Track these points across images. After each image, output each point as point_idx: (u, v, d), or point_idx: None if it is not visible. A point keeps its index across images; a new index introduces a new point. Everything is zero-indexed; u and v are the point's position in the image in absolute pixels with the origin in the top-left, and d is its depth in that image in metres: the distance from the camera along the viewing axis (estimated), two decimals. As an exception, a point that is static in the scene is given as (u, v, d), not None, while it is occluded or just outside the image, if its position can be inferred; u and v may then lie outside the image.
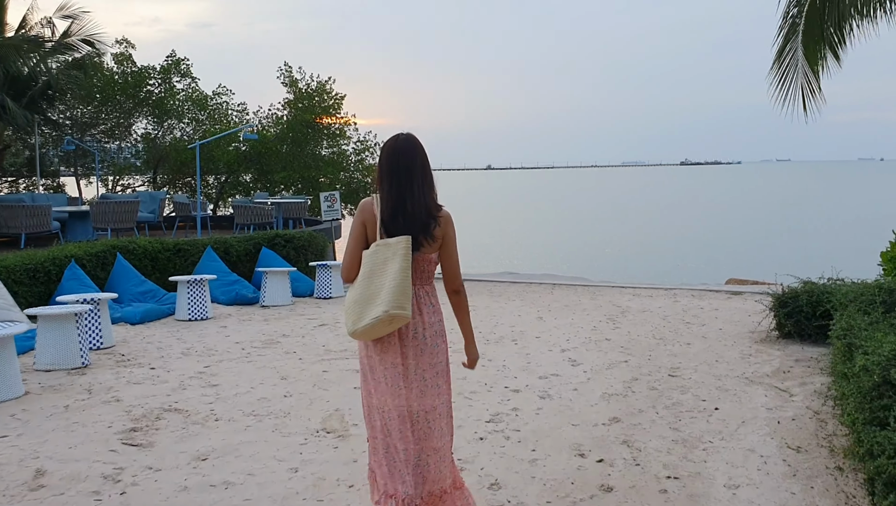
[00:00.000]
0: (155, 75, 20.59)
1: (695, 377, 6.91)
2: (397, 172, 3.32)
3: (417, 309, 3.32)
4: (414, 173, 3.33)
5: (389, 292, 3.14)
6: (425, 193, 3.34)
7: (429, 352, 3.33)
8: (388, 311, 3.11)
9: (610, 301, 11.46)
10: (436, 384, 3.34)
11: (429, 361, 3.32)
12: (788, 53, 11.93)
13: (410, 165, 3.33)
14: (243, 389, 6.50)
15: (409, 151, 3.36)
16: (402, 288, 3.16)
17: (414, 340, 3.30)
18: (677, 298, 11.75)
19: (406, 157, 3.35)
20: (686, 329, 9.22)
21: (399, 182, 3.31)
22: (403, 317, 3.16)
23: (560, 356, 7.77)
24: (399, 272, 3.18)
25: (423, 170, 3.36)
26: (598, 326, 9.40)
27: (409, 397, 3.29)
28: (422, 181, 3.34)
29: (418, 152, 3.37)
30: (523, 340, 8.58)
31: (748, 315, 10.15)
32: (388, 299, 3.13)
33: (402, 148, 3.36)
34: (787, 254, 27.11)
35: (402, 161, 3.34)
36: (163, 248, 11.99)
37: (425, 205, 3.32)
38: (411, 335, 3.30)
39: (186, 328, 9.44)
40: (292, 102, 19.93)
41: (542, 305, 11.11)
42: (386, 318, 3.12)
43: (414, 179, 3.33)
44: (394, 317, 3.13)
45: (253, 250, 12.86)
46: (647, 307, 10.86)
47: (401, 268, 3.18)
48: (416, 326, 3.31)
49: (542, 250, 30.82)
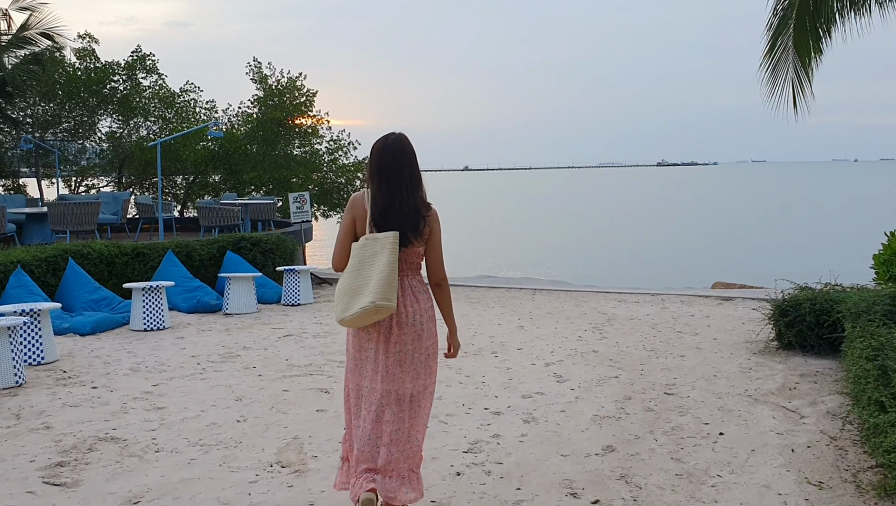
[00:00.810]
0: (119, 72, 19.74)
1: (693, 395, 6.30)
2: (386, 171, 3.50)
3: (413, 297, 3.57)
4: (402, 173, 3.50)
5: (377, 285, 3.36)
6: (413, 192, 3.52)
7: (425, 336, 3.58)
8: (375, 302, 3.34)
9: (595, 308, 10.85)
10: (427, 365, 3.61)
11: (425, 344, 3.58)
12: (779, 49, 11.39)
13: (399, 165, 3.51)
14: (192, 412, 5.79)
15: (398, 152, 3.53)
16: (389, 281, 3.38)
17: (412, 327, 3.54)
18: (665, 304, 11.15)
19: (394, 157, 3.52)
20: (678, 339, 8.62)
21: (388, 182, 3.50)
22: (388, 308, 3.39)
23: (544, 371, 7.13)
24: (386, 266, 3.39)
25: (410, 169, 3.53)
26: (583, 337, 8.77)
27: (405, 380, 3.53)
28: (409, 181, 3.52)
29: (406, 152, 3.54)
30: (504, 353, 7.94)
31: (742, 323, 9.57)
32: (375, 291, 3.35)
33: (390, 148, 3.53)
34: (772, 257, 26.70)
35: (391, 161, 3.51)
36: (120, 252, 11.24)
37: (414, 204, 3.52)
38: (409, 322, 3.53)
39: (140, 340, 8.71)
40: (262, 100, 19.17)
41: (523, 313, 10.48)
42: (372, 308, 3.35)
43: (402, 178, 3.50)
44: (380, 308, 3.36)
45: (217, 254, 12.12)
46: (634, 315, 10.25)
47: (388, 262, 3.39)
48: (413, 313, 3.55)
49: (521, 253, 30.23)
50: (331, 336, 8.87)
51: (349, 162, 20.56)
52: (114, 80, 19.71)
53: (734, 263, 24.43)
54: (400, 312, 3.55)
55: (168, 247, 11.64)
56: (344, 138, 20.59)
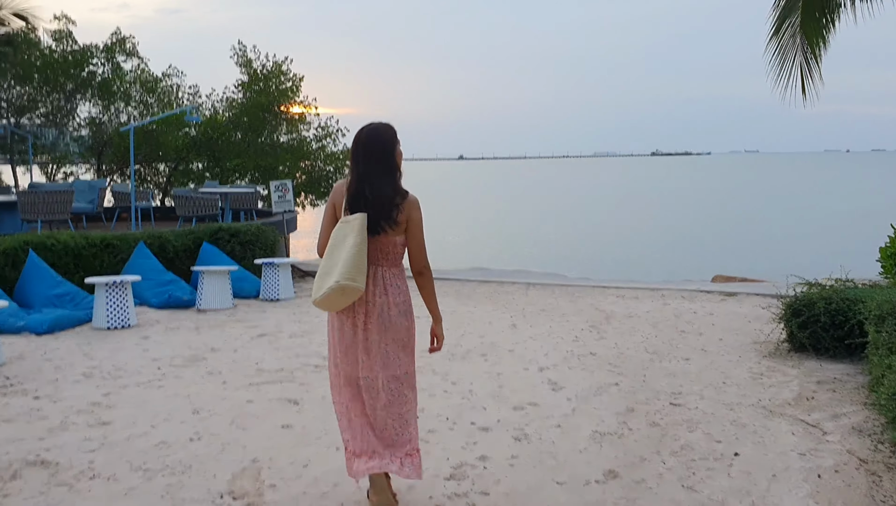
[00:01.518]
0: (98, 54, 18.98)
1: (702, 406, 5.68)
2: (360, 159, 3.58)
3: (383, 288, 3.60)
4: (374, 161, 3.55)
5: (342, 265, 3.40)
6: (385, 180, 3.55)
7: (393, 329, 3.61)
8: (339, 281, 3.37)
9: (591, 304, 10.23)
10: (398, 357, 3.63)
11: (392, 336, 3.61)
12: (786, 31, 10.74)
13: (372, 154, 3.56)
14: (140, 428, 5.15)
15: (373, 140, 3.58)
16: (354, 261, 3.40)
17: (380, 318, 3.58)
18: (666, 300, 10.54)
19: (369, 145, 3.58)
20: (681, 340, 8.00)
21: (361, 169, 3.56)
22: (353, 288, 3.41)
23: (538, 377, 6.51)
24: (352, 246, 3.42)
25: (384, 158, 3.57)
26: (580, 337, 8.15)
27: (374, 368, 3.60)
28: (383, 169, 3.56)
29: (383, 141, 3.59)
30: (494, 355, 7.31)
31: (748, 321, 8.97)
32: (340, 271, 3.39)
33: (366, 137, 3.59)
34: (771, 249, 26.13)
35: (363, 149, 3.58)
36: (88, 243, 10.56)
37: (384, 192, 3.54)
38: (377, 313, 3.58)
39: (101, 340, 8.06)
40: (247, 85, 18.44)
41: (515, 310, 9.85)
42: (338, 288, 3.38)
43: (374, 166, 3.55)
44: (344, 288, 3.39)
45: (192, 246, 11.46)
46: (633, 312, 9.64)
47: (354, 243, 3.42)
48: (382, 304, 3.59)
49: (516, 244, 29.60)
50: (308, 336, 8.24)
51: (337, 149, 19.87)
52: (92, 63, 18.94)
53: (733, 256, 23.87)
54: (368, 300, 3.60)
55: (140, 238, 10.99)
56: (332, 125, 19.91)
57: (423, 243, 3.67)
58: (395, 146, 3.66)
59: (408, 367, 3.70)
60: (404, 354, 3.67)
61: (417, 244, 3.65)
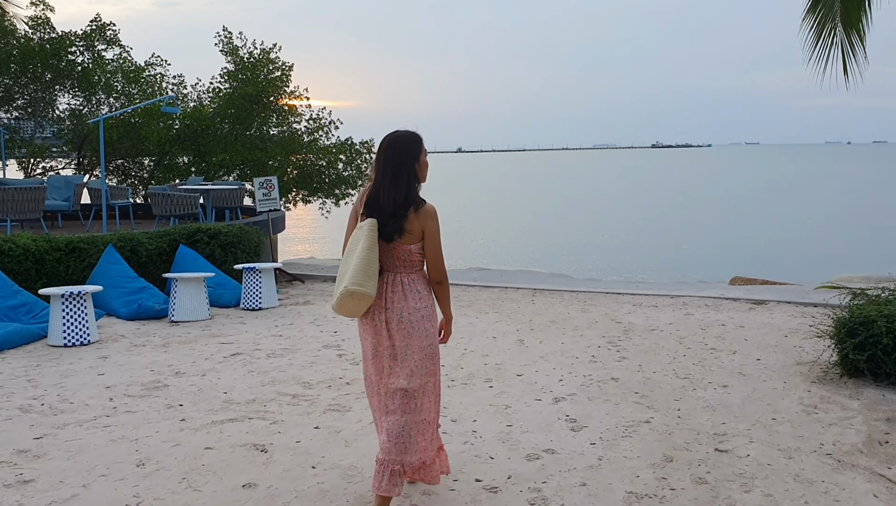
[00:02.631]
0: (77, 43, 17.93)
1: (753, 453, 4.71)
2: (380, 165, 3.62)
3: (402, 294, 3.61)
4: (389, 171, 3.57)
5: (352, 270, 3.46)
6: (400, 189, 3.56)
7: (417, 335, 3.62)
8: (347, 287, 3.44)
9: (606, 314, 9.25)
10: (424, 366, 3.63)
11: (418, 343, 3.62)
12: (823, 5, 9.71)
13: (390, 161, 3.59)
14: (68, 489, 4.16)
15: (394, 148, 3.61)
16: (363, 267, 3.45)
17: (400, 324, 3.60)
18: (689, 309, 9.56)
19: (390, 152, 3.60)
20: (714, 360, 7.02)
21: (380, 176, 3.61)
22: (362, 293, 3.45)
23: (553, 412, 5.53)
24: (362, 251, 3.47)
25: (400, 167, 3.57)
26: (597, 356, 7.17)
27: (400, 376, 3.62)
28: (398, 178, 3.57)
29: (403, 149, 3.60)
30: (501, 381, 6.33)
31: (784, 336, 8.00)
32: (349, 277, 3.45)
33: (388, 144, 3.62)
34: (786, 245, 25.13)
35: (386, 156, 3.60)
36: (51, 247, 9.57)
37: (396, 201, 3.56)
38: (396, 319, 3.60)
39: (53, 360, 7.08)
40: (233, 74, 17.40)
41: (521, 321, 8.87)
42: (347, 293, 3.45)
43: (388, 173, 3.57)
44: (353, 293, 3.44)
45: (168, 249, 10.48)
46: (654, 323, 8.66)
47: (363, 248, 3.48)
48: (401, 310, 3.61)
49: (517, 241, 28.59)
50: (289, 354, 7.26)
51: (331, 143, 18.85)
52: (71, 52, 17.90)
53: (746, 253, 22.87)
54: (387, 307, 3.62)
55: (109, 240, 10.00)
56: (325, 117, 18.87)
57: (439, 254, 3.67)
58: (418, 155, 3.64)
59: (433, 376, 3.69)
60: (430, 362, 3.67)
61: (434, 255, 3.65)
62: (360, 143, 18.83)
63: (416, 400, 3.64)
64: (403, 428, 3.61)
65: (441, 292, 3.76)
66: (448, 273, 3.86)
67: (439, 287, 3.75)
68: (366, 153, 18.89)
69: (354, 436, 4.96)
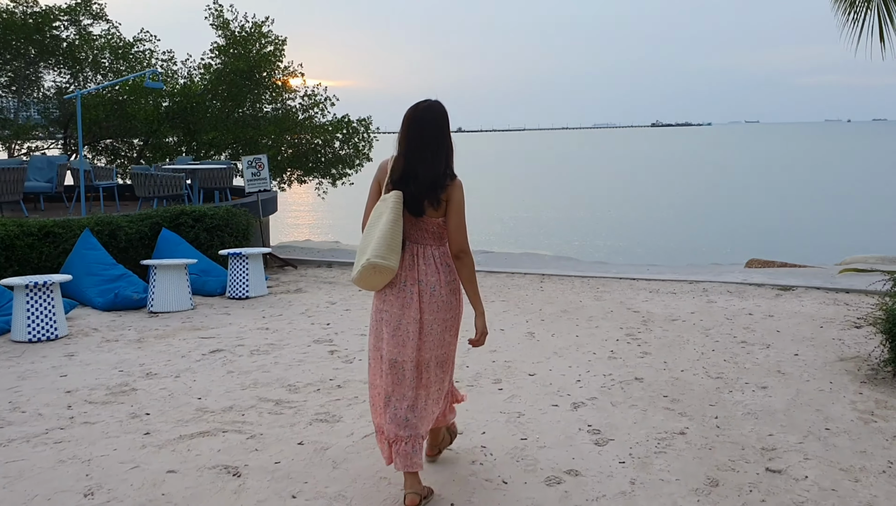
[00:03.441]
0: (61, 17, 17.10)
1: (813, 475, 4.00)
2: (412, 138, 3.50)
3: (434, 267, 3.55)
4: (427, 141, 3.49)
5: (375, 243, 3.38)
6: (437, 161, 3.49)
7: (444, 308, 3.57)
8: (370, 259, 3.36)
9: (621, 302, 8.55)
10: (443, 338, 3.60)
11: (443, 316, 3.57)
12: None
13: (424, 133, 3.50)
14: (-4, 530, 3.48)
15: (426, 120, 3.51)
16: (387, 240, 3.37)
17: (432, 297, 3.54)
18: (710, 295, 8.85)
19: (422, 124, 3.50)
20: (746, 355, 6.32)
21: (412, 148, 3.49)
22: (385, 267, 3.38)
23: (573, 420, 4.83)
24: (386, 224, 3.39)
25: (436, 139, 3.50)
26: (616, 351, 6.47)
27: (423, 349, 3.56)
28: (435, 149, 3.50)
29: (436, 121, 3.51)
30: (512, 382, 5.63)
31: (819, 326, 7.29)
32: (372, 249, 3.37)
33: (419, 116, 3.52)
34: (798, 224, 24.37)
35: (418, 128, 3.50)
36: (23, 232, 8.86)
37: (436, 172, 3.48)
38: (429, 292, 3.53)
39: (13, 359, 6.38)
40: (224, 48, 16.59)
41: (531, 310, 8.17)
42: (369, 266, 3.37)
43: (427, 146, 3.49)
44: (375, 265, 3.36)
45: (149, 233, 9.77)
46: (674, 312, 7.96)
47: (388, 220, 3.39)
48: (434, 284, 3.54)
49: (520, 222, 27.85)
50: (275, 351, 6.55)
51: (327, 120, 18.07)
52: (55, 27, 17.08)
53: (759, 235, 22.12)
54: (420, 280, 3.54)
55: (86, 224, 9.29)
56: (320, 93, 18.08)
57: (462, 225, 3.57)
58: (449, 125, 3.58)
59: (449, 347, 3.66)
60: (449, 336, 3.65)
61: (456, 226, 3.55)
62: (358, 120, 18.06)
63: (432, 372, 3.62)
64: (417, 401, 3.59)
65: (463, 269, 3.60)
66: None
67: (459, 261, 3.59)
68: (363, 131, 18.14)
69: (344, 454, 4.26)
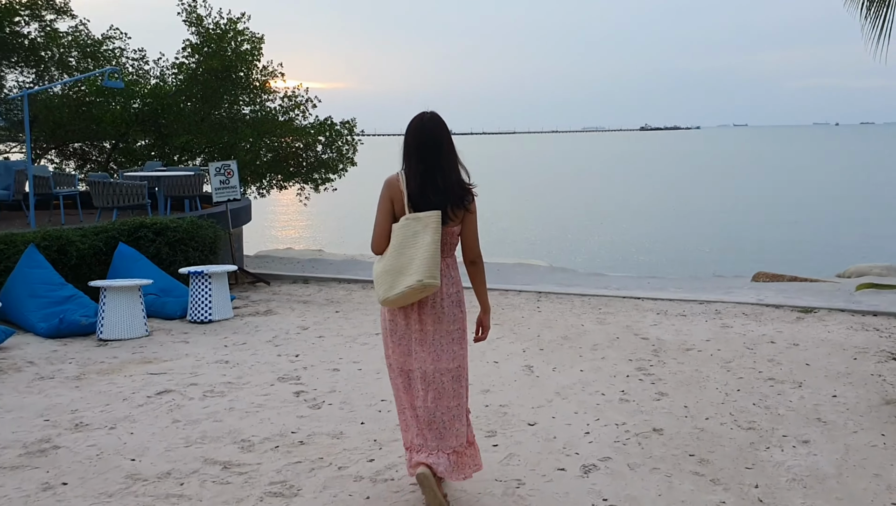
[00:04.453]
0: (21, 11, 16.12)
1: (894, 577, 3.14)
2: (424, 148, 3.56)
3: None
4: (442, 150, 3.57)
5: (422, 263, 3.41)
6: (454, 168, 3.59)
7: (446, 320, 3.61)
8: (422, 280, 3.40)
9: (627, 326, 7.69)
10: (451, 350, 3.63)
11: (446, 328, 3.61)
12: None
13: (438, 143, 3.57)
14: None
15: (436, 129, 3.59)
16: (434, 259, 3.43)
17: (432, 309, 3.59)
18: (723, 318, 8.01)
19: (433, 134, 3.58)
20: (777, 396, 5.46)
21: (427, 159, 3.55)
22: (434, 286, 3.45)
23: (584, 492, 3.94)
24: (430, 244, 3.44)
25: (449, 146, 3.61)
26: (629, 392, 5.60)
27: (426, 360, 3.60)
28: (450, 158, 3.59)
29: (444, 130, 3.61)
30: (508, 435, 4.75)
31: (852, 357, 6.46)
32: (421, 270, 3.40)
33: (428, 126, 3.60)
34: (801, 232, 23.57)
35: (430, 138, 3.57)
36: (-42, 248, 7.94)
37: (456, 180, 3.58)
38: (430, 304, 3.59)
39: (-75, 402, 5.45)
40: (197, 47, 15.66)
41: (527, 337, 7.30)
42: (419, 286, 3.41)
43: (442, 155, 3.57)
44: (426, 286, 3.42)
45: (104, 248, 8.85)
46: (687, 339, 7.10)
47: (432, 240, 3.45)
48: (434, 296, 3.59)
49: (511, 228, 26.99)
50: (232, 391, 5.65)
51: (309, 123, 17.15)
52: (15, 22, 16.10)
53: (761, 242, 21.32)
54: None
55: (31, 239, 8.36)
56: (301, 94, 17.17)
57: (477, 233, 3.67)
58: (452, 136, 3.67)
59: (461, 360, 3.67)
60: (458, 347, 3.65)
61: (473, 233, 3.65)
62: (341, 123, 17.17)
63: (444, 385, 3.61)
64: (434, 414, 3.60)
65: (476, 274, 3.74)
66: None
67: (474, 267, 3.73)
68: (347, 134, 17.26)
69: (299, 548, 3.37)
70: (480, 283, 3.76)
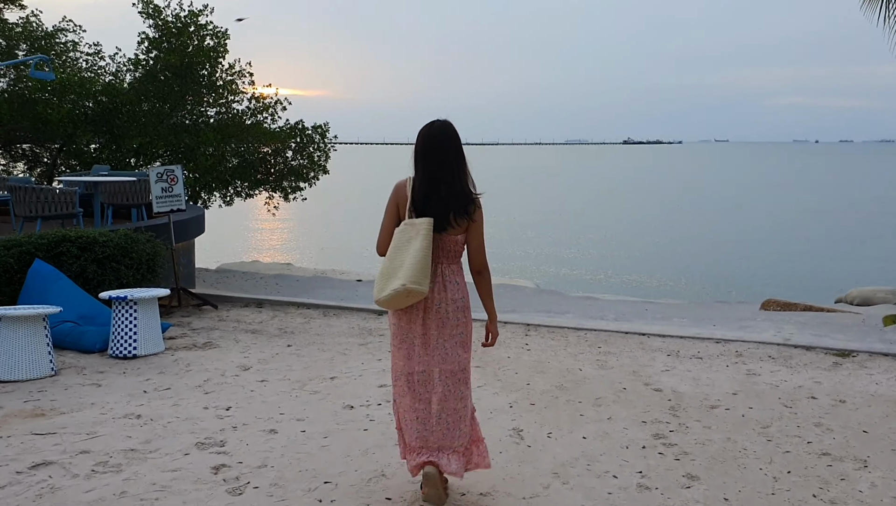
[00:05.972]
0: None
1: None
2: (431, 156, 3.62)
3: (442, 285, 3.65)
4: (448, 158, 3.62)
5: (409, 268, 3.49)
6: (460, 177, 3.63)
7: (450, 324, 3.67)
8: (406, 284, 3.47)
9: (633, 371, 6.43)
10: (455, 353, 3.68)
11: (450, 332, 3.67)
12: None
13: (445, 150, 3.62)
14: None
15: (444, 137, 3.64)
16: (421, 266, 3.49)
17: (437, 314, 3.65)
18: (747, 362, 6.77)
19: (441, 142, 3.63)
20: (841, 483, 4.20)
21: (433, 167, 3.61)
22: (419, 292, 3.50)
23: None
24: (419, 251, 3.51)
25: (457, 155, 3.65)
26: (648, 473, 4.32)
27: (430, 363, 3.66)
28: (457, 166, 3.63)
29: (453, 138, 3.65)
30: (492, 546, 3.46)
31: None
32: (407, 275, 3.48)
33: (436, 134, 3.65)
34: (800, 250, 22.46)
35: (437, 146, 3.63)
36: None
37: (461, 188, 3.61)
38: (434, 309, 3.64)
39: None
40: (155, 41, 14.32)
41: (515, 385, 6.02)
42: (403, 291, 3.47)
43: (448, 163, 3.61)
44: (410, 291, 3.48)
45: (16, 266, 7.50)
46: (709, 392, 5.85)
47: (421, 247, 3.51)
48: (440, 301, 3.64)
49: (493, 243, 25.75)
50: (133, 464, 4.32)
51: (278, 127, 15.86)
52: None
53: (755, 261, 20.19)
54: (427, 297, 3.61)
55: (-75, 255, 6.99)
56: (270, 97, 15.87)
57: (483, 244, 3.74)
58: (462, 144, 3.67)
59: (465, 363, 3.71)
60: (462, 350, 3.70)
61: (479, 243, 3.70)
62: (313, 127, 15.90)
63: (449, 387, 3.64)
64: (440, 415, 3.63)
65: (482, 283, 3.78)
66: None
67: (480, 277, 3.77)
68: (319, 140, 15.98)
69: None
70: (486, 294, 3.81)
